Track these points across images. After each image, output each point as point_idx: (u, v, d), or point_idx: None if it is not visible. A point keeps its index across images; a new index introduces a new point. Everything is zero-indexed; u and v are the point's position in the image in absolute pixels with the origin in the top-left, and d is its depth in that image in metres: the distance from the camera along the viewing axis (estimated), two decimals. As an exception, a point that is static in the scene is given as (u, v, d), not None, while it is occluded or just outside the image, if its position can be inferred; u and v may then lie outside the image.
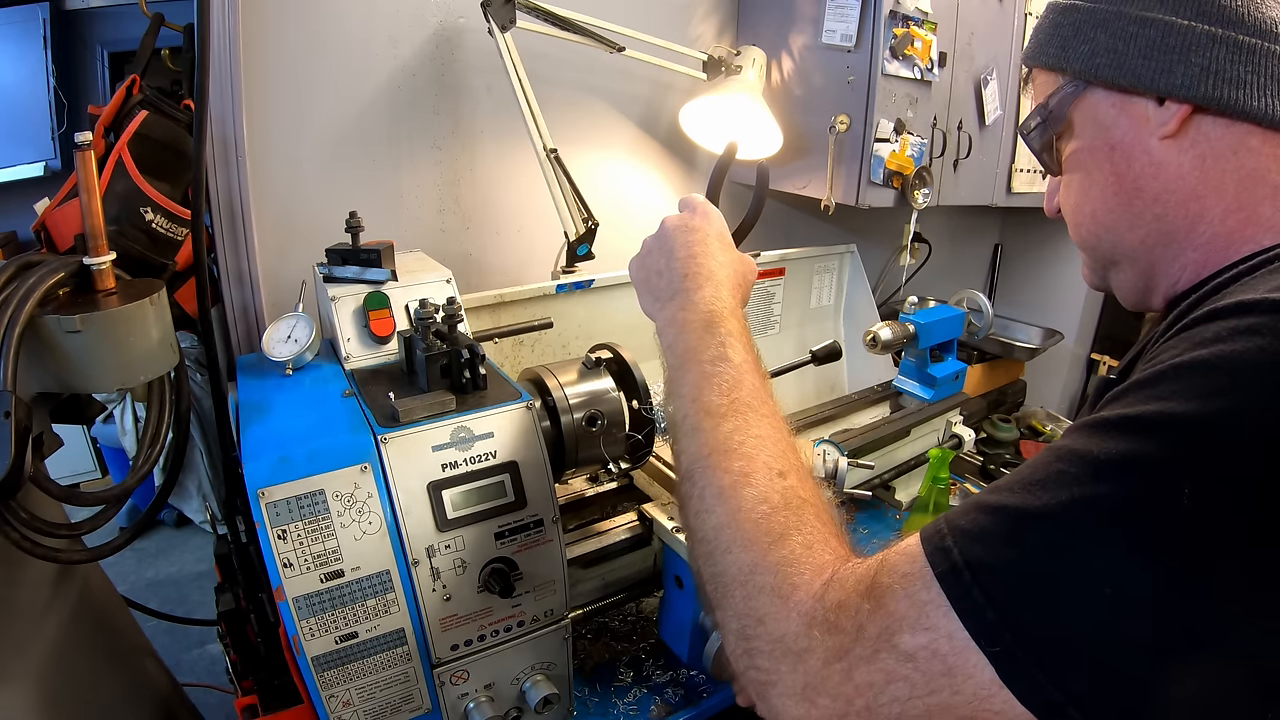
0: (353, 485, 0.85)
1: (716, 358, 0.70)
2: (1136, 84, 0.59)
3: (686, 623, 1.09)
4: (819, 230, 2.13)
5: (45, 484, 0.92)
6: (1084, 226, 0.68)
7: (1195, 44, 0.57)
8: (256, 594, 1.32)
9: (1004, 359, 2.28)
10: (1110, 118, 0.62)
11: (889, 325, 1.64)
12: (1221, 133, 0.58)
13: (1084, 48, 0.62)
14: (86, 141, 0.90)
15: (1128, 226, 0.64)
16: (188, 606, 2.57)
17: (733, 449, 0.62)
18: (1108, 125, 0.63)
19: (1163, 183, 0.60)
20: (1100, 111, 0.63)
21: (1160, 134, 0.59)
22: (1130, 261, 0.66)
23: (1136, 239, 0.64)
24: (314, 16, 1.38)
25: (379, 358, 1.10)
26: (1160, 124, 0.59)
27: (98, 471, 3.27)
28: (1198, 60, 0.57)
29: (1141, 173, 0.61)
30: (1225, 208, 0.58)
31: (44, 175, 2.26)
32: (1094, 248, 0.69)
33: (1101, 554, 0.42)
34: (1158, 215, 0.61)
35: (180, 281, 1.25)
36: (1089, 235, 0.68)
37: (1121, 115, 0.62)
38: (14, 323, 0.80)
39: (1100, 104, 0.63)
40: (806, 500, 0.59)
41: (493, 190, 1.68)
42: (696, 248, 0.81)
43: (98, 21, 2.30)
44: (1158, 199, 0.61)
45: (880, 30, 1.58)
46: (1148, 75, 0.59)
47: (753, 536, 0.57)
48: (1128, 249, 0.65)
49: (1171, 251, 0.62)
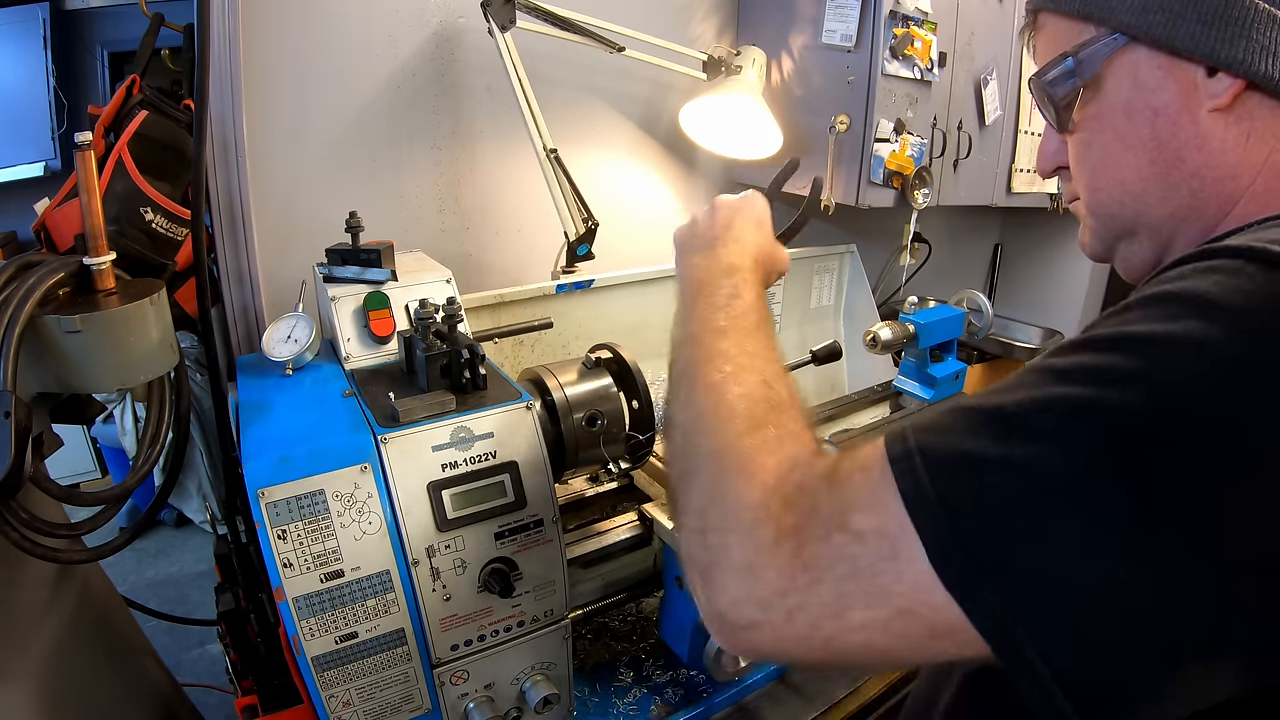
0: (353, 485, 0.85)
1: (729, 295, 0.72)
2: (1192, 49, 0.56)
3: (686, 623, 1.09)
4: (819, 230, 2.13)
5: (45, 484, 0.92)
6: (1104, 192, 0.64)
7: (1258, 20, 0.55)
8: (256, 594, 1.32)
9: (1004, 359, 2.28)
10: (1156, 79, 0.58)
11: (889, 325, 1.64)
12: (1267, 114, 0.56)
13: (1134, 1, 0.58)
14: (86, 141, 0.90)
15: (1160, 198, 0.60)
16: (188, 606, 2.57)
17: (728, 357, 0.64)
18: (1152, 88, 0.58)
19: (1205, 156, 0.57)
20: (1143, 71, 0.59)
21: (1211, 105, 0.56)
22: (1151, 234, 0.63)
23: (1166, 211, 0.60)
24: (314, 16, 1.38)
25: (379, 358, 1.10)
26: (1211, 95, 0.56)
27: (98, 471, 3.27)
28: (1259, 38, 0.54)
29: (1186, 143, 0.58)
30: (1254, 192, 0.57)
31: (44, 175, 2.26)
32: (1113, 215, 0.64)
33: (1058, 447, 0.42)
34: (1194, 190, 0.58)
35: (180, 281, 1.25)
36: (1110, 201, 0.64)
37: (1169, 79, 0.58)
38: (14, 323, 0.80)
39: (1143, 63, 0.59)
40: (788, 403, 0.60)
41: (493, 190, 1.68)
42: (736, 219, 0.84)
43: (98, 21, 2.30)
44: (1197, 173, 0.58)
45: (880, 30, 1.58)
46: (1206, 42, 0.55)
47: (728, 422, 0.58)
48: (1152, 220, 0.62)
49: (1196, 229, 0.60)
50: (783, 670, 1.22)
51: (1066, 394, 0.43)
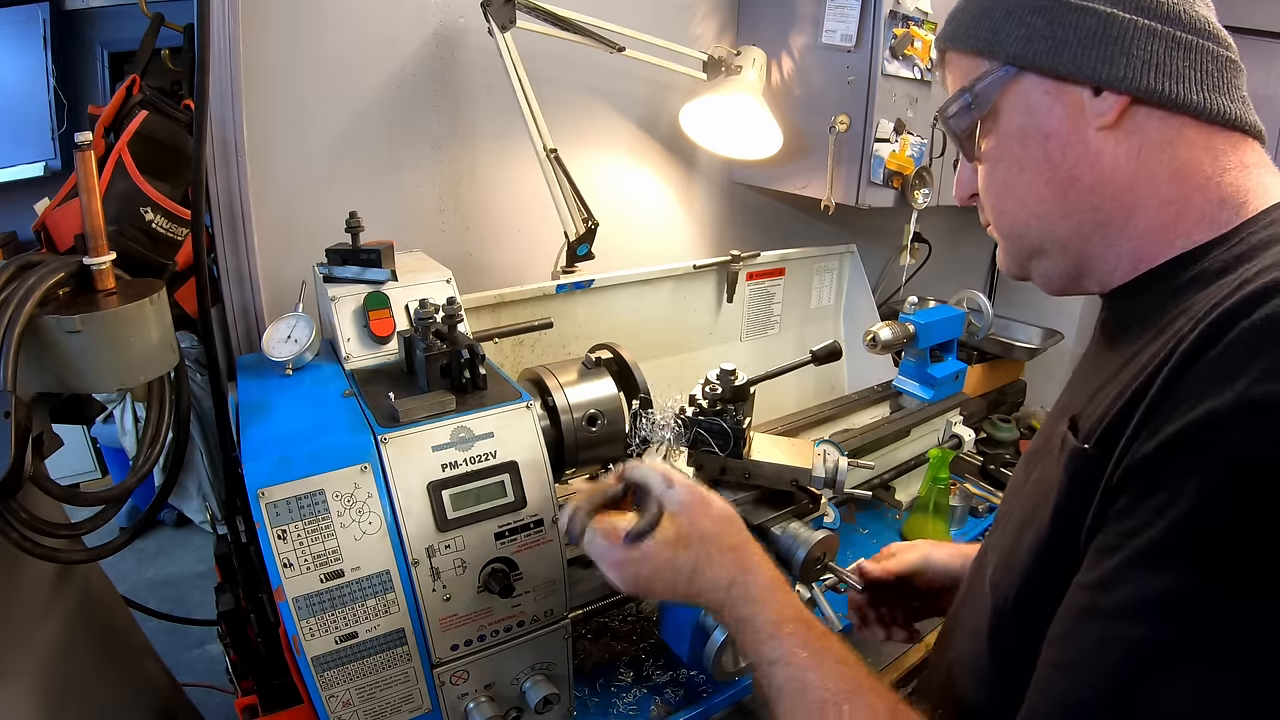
0: (353, 485, 0.85)
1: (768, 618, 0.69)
2: (1075, 73, 0.59)
3: (686, 623, 1.09)
4: (819, 230, 2.13)
5: (45, 484, 0.92)
6: (1010, 215, 0.67)
7: (1136, 37, 0.57)
8: (256, 594, 1.32)
9: (1004, 359, 2.28)
10: (1044, 105, 0.61)
11: (889, 325, 1.64)
12: (1158, 125, 0.58)
13: (1019, 32, 0.61)
14: (86, 141, 0.90)
15: (1060, 215, 0.63)
16: (188, 606, 2.56)
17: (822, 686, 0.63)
18: (1042, 113, 0.61)
19: (1099, 173, 0.60)
20: (1033, 98, 0.62)
21: (1098, 124, 0.59)
22: (1059, 250, 0.65)
23: (1069, 228, 0.63)
24: (314, 16, 1.38)
25: (379, 358, 1.10)
26: (1098, 114, 0.59)
27: (98, 471, 3.27)
28: (1139, 53, 0.57)
29: (1078, 162, 0.60)
30: (1160, 199, 0.58)
31: (44, 175, 2.26)
32: (1020, 236, 0.67)
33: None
34: (1093, 205, 0.61)
35: (180, 281, 1.25)
36: (1016, 223, 0.67)
37: (1056, 103, 0.61)
38: (14, 323, 0.80)
39: (1033, 91, 0.62)
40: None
41: (493, 190, 1.68)
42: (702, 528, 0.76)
43: (98, 21, 2.30)
44: (1093, 189, 0.60)
45: (880, 30, 1.58)
46: (1088, 65, 0.58)
47: None
48: (1058, 238, 0.64)
49: (1106, 240, 0.62)
50: (783, 670, 1.22)
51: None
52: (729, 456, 1.05)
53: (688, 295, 1.73)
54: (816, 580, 1.06)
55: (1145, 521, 0.46)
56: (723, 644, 1.05)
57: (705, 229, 2.06)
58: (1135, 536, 0.46)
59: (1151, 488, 0.46)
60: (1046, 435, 0.66)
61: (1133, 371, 0.54)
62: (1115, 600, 0.47)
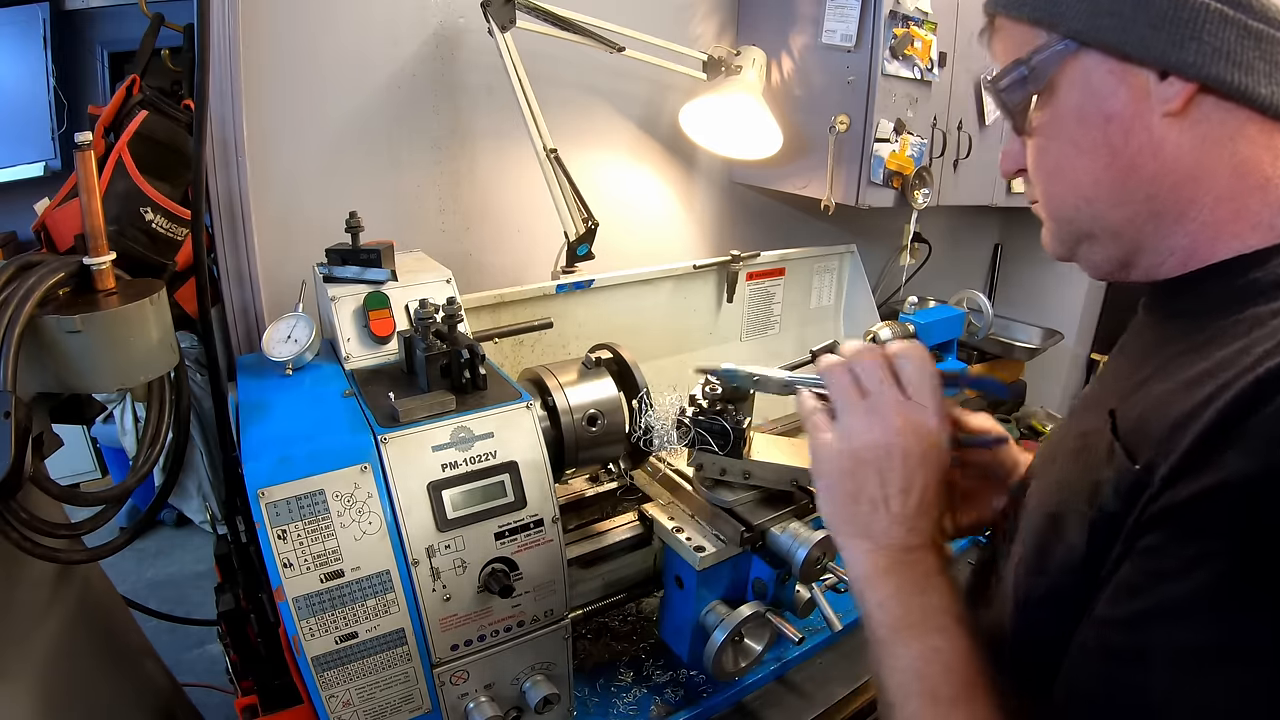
0: (353, 485, 0.85)
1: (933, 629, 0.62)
2: (1143, 54, 0.55)
3: (686, 623, 1.09)
4: (819, 230, 2.13)
5: (45, 484, 0.92)
6: (1061, 197, 0.64)
7: (1209, 21, 0.54)
8: (256, 594, 1.32)
9: (1004, 359, 2.28)
10: (1107, 86, 0.57)
11: (889, 325, 1.64)
12: (1223, 117, 0.55)
13: (1083, 5, 0.57)
14: (86, 141, 0.90)
15: (1114, 203, 0.60)
16: (188, 606, 2.56)
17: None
18: (1104, 94, 0.58)
19: (1161, 162, 0.57)
20: (1095, 77, 0.58)
21: (1163, 110, 0.56)
22: (1111, 237, 0.62)
23: (1123, 216, 0.60)
24: (314, 17, 1.38)
25: (379, 358, 1.10)
26: (1163, 100, 0.55)
27: (98, 471, 3.27)
28: (1210, 39, 0.54)
29: (1140, 150, 0.57)
30: (1217, 195, 0.56)
31: (44, 175, 2.26)
32: (1070, 220, 0.64)
33: None
34: (1150, 195, 0.58)
35: (180, 281, 1.25)
36: (1066, 207, 0.64)
37: (1120, 85, 0.57)
38: (14, 323, 0.80)
39: (1095, 69, 0.58)
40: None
41: (492, 190, 1.68)
42: (918, 494, 0.66)
43: (98, 21, 2.30)
44: (1153, 179, 0.57)
45: (880, 30, 1.58)
46: (1157, 46, 0.54)
47: None
48: (1110, 225, 0.61)
49: (1160, 233, 0.59)
50: (782, 670, 1.22)
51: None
52: (729, 456, 1.05)
53: (688, 295, 1.73)
54: (816, 580, 1.06)
55: (1177, 569, 0.45)
56: (722, 644, 1.05)
57: (705, 229, 2.06)
58: (1163, 582, 0.46)
59: (1188, 535, 0.45)
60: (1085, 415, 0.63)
61: (1179, 383, 0.52)
62: (1136, 646, 0.46)
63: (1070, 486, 0.59)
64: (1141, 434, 0.52)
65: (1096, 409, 0.61)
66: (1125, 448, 0.53)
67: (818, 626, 1.23)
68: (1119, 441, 0.54)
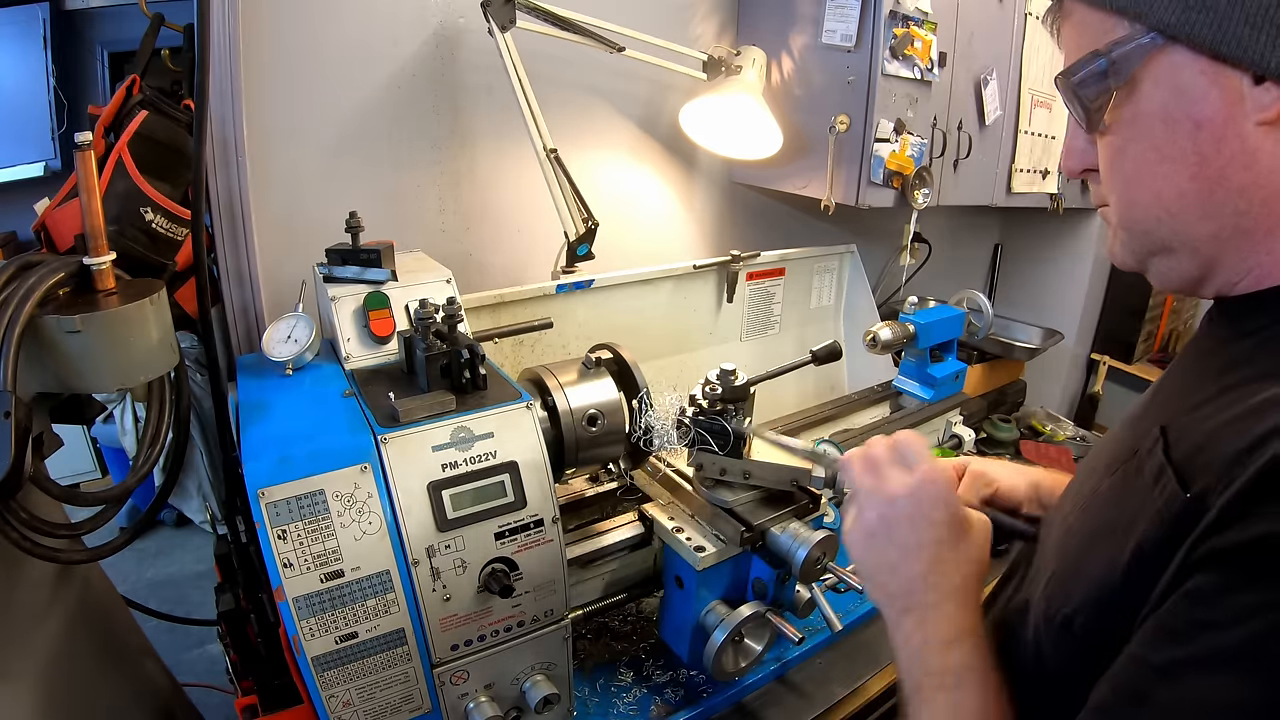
0: (353, 485, 0.85)
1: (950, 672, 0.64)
2: (1238, 54, 0.50)
3: (686, 623, 1.09)
4: (819, 230, 2.13)
5: (45, 484, 0.92)
6: (1141, 207, 0.58)
7: None
8: (256, 594, 1.32)
9: (1004, 359, 2.29)
10: (1199, 88, 0.52)
11: (889, 325, 1.65)
12: None
13: None
14: (86, 141, 0.90)
15: (1199, 216, 0.55)
16: (188, 606, 2.56)
17: None
18: (1195, 96, 0.52)
19: (1253, 175, 0.52)
20: (1184, 77, 0.53)
21: (1259, 118, 0.50)
22: (1190, 252, 0.57)
23: (1207, 231, 0.55)
24: (314, 16, 1.38)
25: (379, 358, 1.10)
26: (1259, 107, 0.50)
27: (98, 471, 3.27)
28: None
29: (1231, 160, 0.52)
30: None
31: (44, 175, 2.26)
32: (1148, 231, 0.58)
33: None
34: (1239, 210, 0.53)
35: (180, 281, 1.25)
36: (1145, 218, 0.58)
37: (1212, 87, 0.51)
38: (14, 323, 0.80)
39: (1184, 68, 0.52)
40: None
41: (492, 190, 1.68)
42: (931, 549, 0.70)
43: (98, 21, 2.30)
44: (1243, 192, 0.52)
45: (880, 30, 1.58)
46: (1255, 47, 0.49)
47: None
48: (1191, 239, 0.56)
49: (1243, 251, 0.55)
50: (782, 670, 1.22)
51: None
52: (729, 456, 1.05)
53: (688, 295, 1.73)
54: (816, 580, 1.06)
55: (1225, 618, 0.43)
56: (722, 644, 1.05)
57: (705, 229, 2.06)
58: (1208, 630, 0.43)
59: (1240, 583, 0.43)
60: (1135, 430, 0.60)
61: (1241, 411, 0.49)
62: (1173, 696, 0.44)
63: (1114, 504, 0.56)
64: (1196, 460, 0.49)
65: (1148, 425, 0.57)
66: (1177, 472, 0.50)
67: (818, 626, 1.23)
68: (1170, 465, 0.51)
